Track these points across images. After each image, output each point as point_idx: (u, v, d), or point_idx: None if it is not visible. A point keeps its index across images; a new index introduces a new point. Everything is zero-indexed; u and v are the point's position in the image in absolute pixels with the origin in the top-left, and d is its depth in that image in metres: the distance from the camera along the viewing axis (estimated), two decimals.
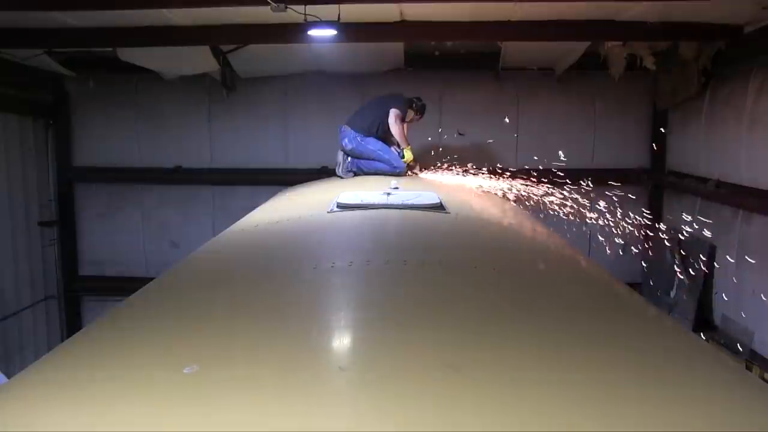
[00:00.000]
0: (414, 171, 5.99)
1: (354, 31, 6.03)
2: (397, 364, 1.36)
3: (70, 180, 8.70)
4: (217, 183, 8.70)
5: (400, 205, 3.31)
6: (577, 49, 7.21)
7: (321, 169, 8.11)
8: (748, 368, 5.83)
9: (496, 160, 6.96)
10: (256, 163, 8.53)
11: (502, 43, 7.37)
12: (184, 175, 8.63)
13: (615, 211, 6.29)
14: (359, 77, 8.13)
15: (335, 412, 1.16)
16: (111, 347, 1.65)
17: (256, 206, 4.42)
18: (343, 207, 3.30)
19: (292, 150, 8.56)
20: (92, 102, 8.53)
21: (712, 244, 6.65)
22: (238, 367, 1.36)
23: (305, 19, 5.28)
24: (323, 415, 1.13)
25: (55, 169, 8.55)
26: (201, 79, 8.05)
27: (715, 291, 6.79)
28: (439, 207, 3.30)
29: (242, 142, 8.53)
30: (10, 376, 2.30)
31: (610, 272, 2.71)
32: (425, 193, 3.62)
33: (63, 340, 6.90)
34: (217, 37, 6.63)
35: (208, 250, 3.08)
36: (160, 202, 8.80)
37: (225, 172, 8.60)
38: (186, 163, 8.60)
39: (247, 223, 3.60)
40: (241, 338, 1.56)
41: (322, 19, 5.41)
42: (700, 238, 6.77)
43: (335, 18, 5.41)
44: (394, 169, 5.75)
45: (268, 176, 8.30)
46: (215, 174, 8.63)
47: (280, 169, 8.45)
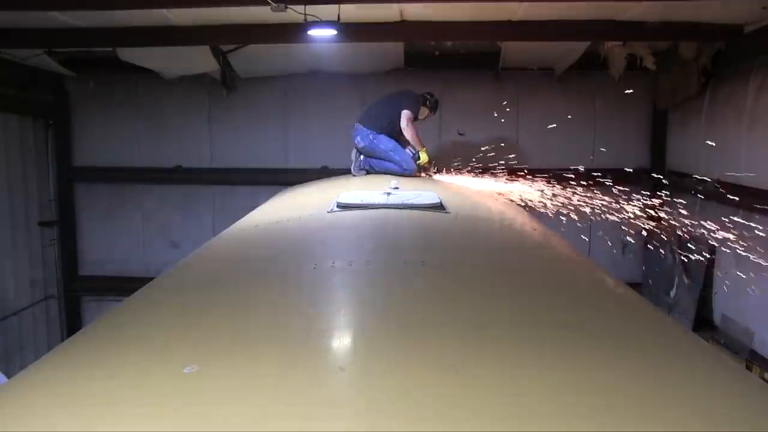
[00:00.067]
0: (428, 173, 5.92)
1: (354, 31, 6.03)
2: (397, 364, 1.36)
3: (70, 180, 8.70)
4: (217, 183, 8.70)
5: (400, 204, 3.31)
6: (577, 49, 7.21)
7: (321, 169, 8.12)
8: (748, 368, 5.84)
9: (497, 160, 6.96)
10: (256, 163, 8.53)
11: (502, 43, 7.37)
12: (184, 175, 8.63)
13: (615, 211, 6.28)
14: (359, 77, 8.13)
15: (335, 412, 1.15)
16: (111, 347, 1.65)
17: (256, 206, 4.41)
18: (343, 207, 3.30)
19: (292, 150, 8.56)
20: (92, 102, 8.53)
21: (712, 244, 6.65)
22: (238, 367, 1.36)
23: (305, 19, 5.29)
24: (323, 415, 1.13)
25: (55, 169, 8.55)
26: (201, 79, 8.05)
27: (715, 291, 6.79)
28: (439, 207, 3.30)
29: (242, 142, 8.54)
30: (10, 376, 2.30)
31: (610, 272, 2.71)
32: (425, 193, 3.62)
33: (63, 340, 6.90)
34: (217, 37, 6.63)
35: (208, 250, 3.08)
36: (160, 202, 8.80)
37: (225, 172, 8.60)
38: (186, 163, 8.61)
39: (247, 223, 3.60)
40: (241, 338, 1.56)
41: (322, 19, 5.41)
42: (700, 238, 6.77)
43: (335, 18, 5.41)
44: (403, 171, 5.67)
45: (268, 176, 8.30)
46: (215, 174, 8.64)
47: (280, 169, 8.45)
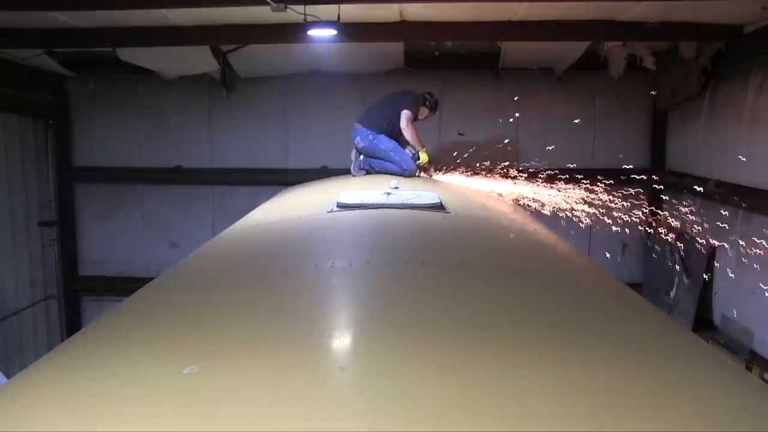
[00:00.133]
0: (428, 173, 5.92)
1: (354, 31, 6.03)
2: (397, 364, 1.36)
3: (70, 180, 8.70)
4: (217, 183, 8.70)
5: (400, 204, 3.31)
6: (577, 49, 7.21)
7: (321, 169, 8.12)
8: (748, 368, 5.84)
9: (497, 160, 6.95)
10: (255, 163, 8.53)
11: (502, 43, 7.37)
12: (184, 175, 8.63)
13: (615, 211, 6.28)
14: (359, 77, 8.13)
15: (335, 413, 1.15)
16: (111, 347, 1.65)
17: (256, 206, 4.41)
18: (343, 207, 3.30)
19: (292, 150, 8.56)
20: (92, 102, 8.53)
21: (712, 244, 6.65)
22: (238, 367, 1.36)
23: (305, 19, 5.28)
24: (323, 415, 1.13)
25: (55, 169, 8.55)
26: (201, 79, 8.05)
27: (715, 291, 6.79)
28: (439, 207, 3.30)
29: (242, 142, 8.53)
30: (10, 376, 2.30)
31: (610, 272, 2.71)
32: (425, 193, 3.62)
33: (63, 340, 6.90)
34: (217, 37, 6.63)
35: (208, 250, 3.08)
36: (160, 202, 8.80)
37: (225, 172, 8.60)
38: (186, 163, 8.61)
39: (247, 222, 3.60)
40: (241, 338, 1.56)
41: (322, 19, 5.41)
42: (700, 238, 6.77)
43: (335, 18, 5.41)
44: (403, 171, 5.68)
45: (268, 176, 8.30)
46: (215, 174, 8.64)
47: (280, 169, 8.45)
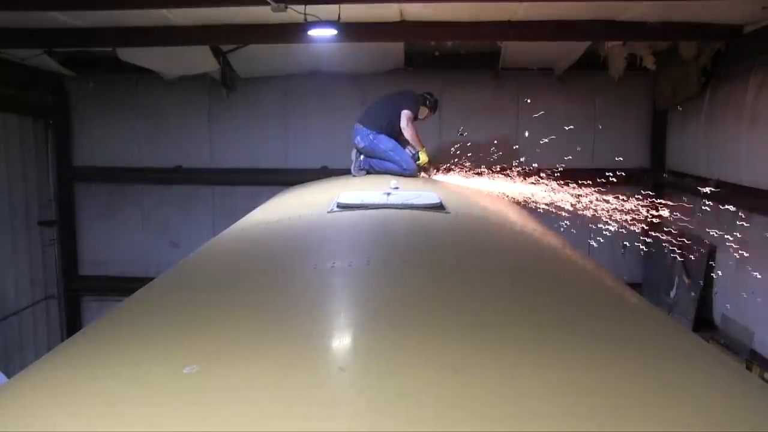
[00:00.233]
0: (428, 173, 5.91)
1: (354, 31, 6.03)
2: (397, 364, 1.36)
3: (70, 180, 8.70)
4: (217, 183, 8.70)
5: (400, 205, 3.31)
6: (577, 49, 7.21)
7: (321, 169, 8.11)
8: (748, 368, 5.84)
9: (497, 160, 6.96)
10: (256, 163, 8.53)
11: (502, 43, 7.37)
12: (184, 175, 8.63)
13: (614, 211, 6.28)
14: (359, 77, 8.12)
15: (335, 412, 1.15)
16: (111, 347, 1.65)
17: (257, 206, 4.41)
18: (344, 207, 3.30)
19: (292, 150, 8.56)
20: (92, 102, 8.53)
21: (712, 244, 6.64)
22: (238, 368, 1.36)
23: (305, 19, 5.29)
24: (323, 415, 1.13)
25: (55, 169, 8.55)
26: (201, 79, 8.05)
27: (715, 291, 6.79)
28: (439, 207, 3.30)
29: (242, 142, 8.53)
30: (10, 376, 2.30)
31: (610, 272, 2.71)
32: (425, 193, 3.62)
33: (63, 340, 6.89)
34: (217, 37, 6.63)
35: (208, 250, 3.08)
36: (160, 202, 8.80)
37: (225, 172, 8.60)
38: (186, 163, 8.61)
39: (247, 222, 3.60)
40: (241, 338, 1.56)
41: (322, 19, 5.41)
42: (700, 238, 6.77)
43: (335, 18, 5.42)
44: (403, 171, 5.68)
45: (268, 176, 8.30)
46: (215, 174, 8.63)
47: (280, 169, 8.45)
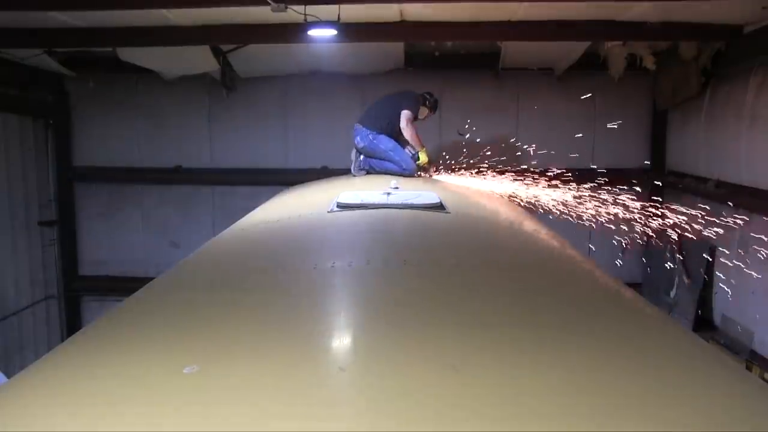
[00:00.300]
0: (428, 173, 5.91)
1: (354, 31, 6.03)
2: (397, 364, 1.36)
3: (70, 180, 8.71)
4: (217, 183, 8.71)
5: (400, 204, 3.31)
6: (577, 49, 7.22)
7: (321, 169, 8.12)
8: (748, 368, 5.84)
9: (497, 160, 6.95)
10: (256, 163, 8.54)
11: (502, 43, 7.37)
12: (184, 175, 8.64)
13: (614, 211, 6.28)
14: (359, 77, 8.13)
15: (335, 413, 1.15)
16: (111, 347, 1.64)
17: (257, 206, 4.41)
18: (344, 207, 3.29)
19: (292, 150, 8.57)
20: (92, 102, 8.53)
21: (712, 244, 6.64)
22: (238, 368, 1.36)
23: (305, 19, 5.29)
24: (323, 415, 1.13)
25: (55, 169, 8.56)
26: (201, 79, 8.06)
27: (715, 291, 6.79)
28: (439, 207, 3.30)
29: (242, 142, 8.54)
30: (10, 376, 2.30)
31: (610, 272, 2.71)
32: (425, 193, 3.62)
33: (63, 340, 6.87)
34: (217, 37, 6.63)
35: (208, 250, 3.07)
36: (160, 202, 8.80)
37: (225, 172, 8.61)
38: (186, 163, 8.61)
39: (247, 222, 3.60)
40: (241, 338, 1.56)
41: (322, 19, 5.41)
42: (700, 238, 6.77)
43: (335, 18, 5.42)
44: (403, 171, 5.68)
45: (268, 176, 8.31)
46: (215, 174, 8.64)
47: (280, 169, 8.45)
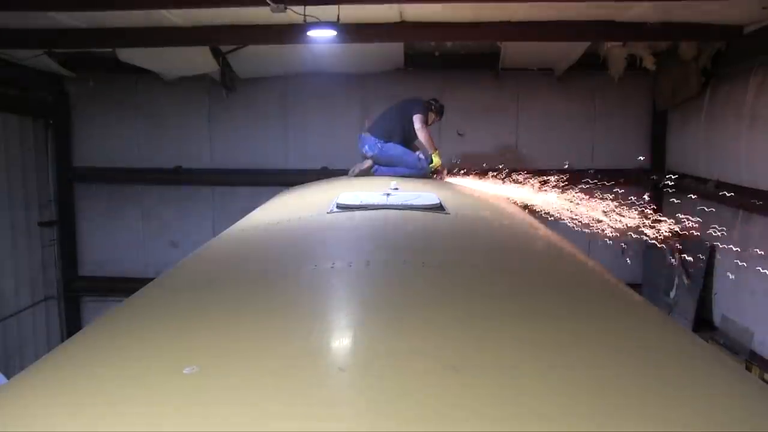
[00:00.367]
0: (441, 176, 5.90)
1: (354, 32, 6.04)
2: (397, 364, 1.36)
3: (70, 180, 8.71)
4: (217, 183, 8.71)
5: (399, 205, 3.30)
6: (577, 49, 7.22)
7: (321, 170, 8.12)
8: (748, 368, 5.84)
9: (496, 161, 6.96)
10: (255, 164, 8.54)
11: (502, 44, 7.37)
12: (184, 175, 8.64)
13: (614, 211, 6.28)
14: (359, 77, 8.13)
15: (335, 413, 1.15)
16: (111, 347, 1.64)
17: (256, 207, 4.41)
18: (343, 208, 3.29)
19: (292, 150, 8.57)
20: (92, 102, 8.54)
21: (712, 244, 6.64)
22: (237, 368, 1.36)
23: (305, 20, 5.29)
24: (323, 415, 1.13)
25: (55, 169, 8.56)
26: (201, 79, 8.06)
27: (714, 291, 6.79)
28: (439, 207, 3.30)
29: (242, 143, 8.54)
30: (10, 376, 2.30)
31: (611, 272, 2.71)
32: (425, 194, 3.62)
33: (63, 340, 6.90)
34: (217, 37, 6.64)
35: (208, 251, 3.07)
36: (160, 202, 8.80)
37: (225, 173, 8.61)
38: (186, 164, 8.61)
39: (247, 223, 3.60)
40: (241, 339, 1.56)
41: (322, 20, 5.41)
42: (700, 238, 6.77)
43: (335, 19, 5.42)
44: (419, 171, 5.67)
45: (268, 177, 8.31)
46: (215, 174, 8.64)
47: (280, 170, 8.46)
